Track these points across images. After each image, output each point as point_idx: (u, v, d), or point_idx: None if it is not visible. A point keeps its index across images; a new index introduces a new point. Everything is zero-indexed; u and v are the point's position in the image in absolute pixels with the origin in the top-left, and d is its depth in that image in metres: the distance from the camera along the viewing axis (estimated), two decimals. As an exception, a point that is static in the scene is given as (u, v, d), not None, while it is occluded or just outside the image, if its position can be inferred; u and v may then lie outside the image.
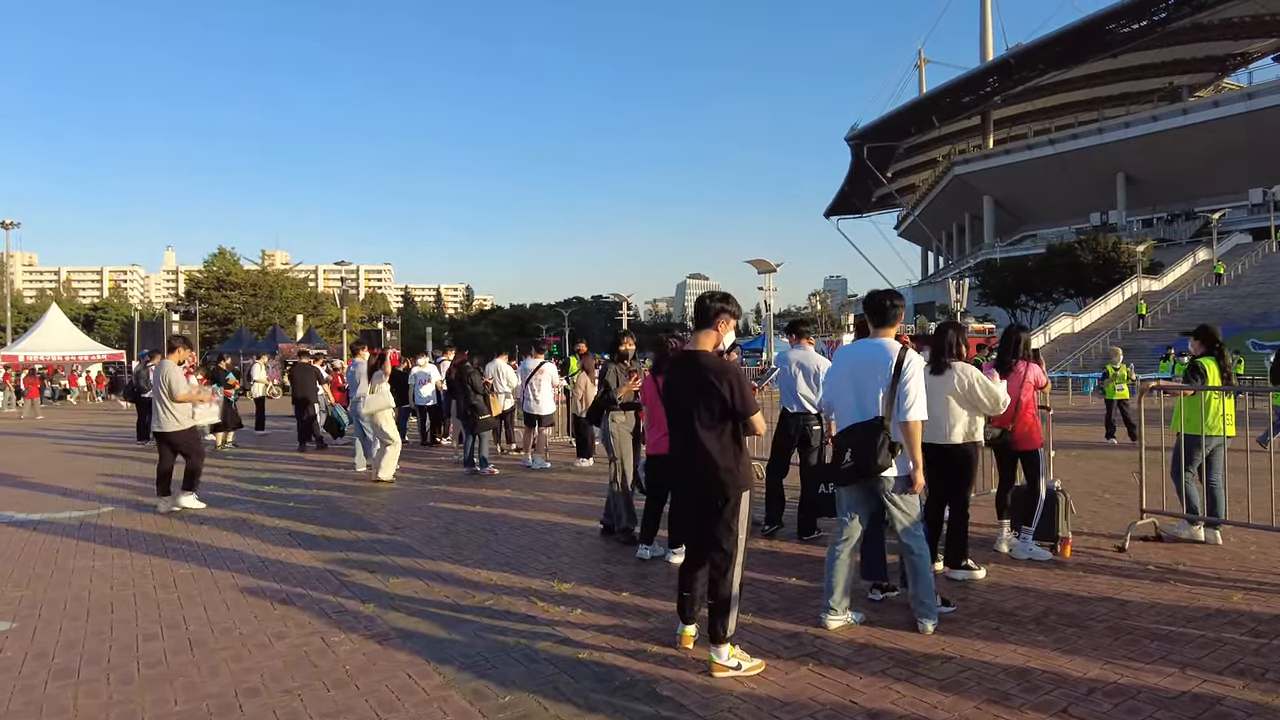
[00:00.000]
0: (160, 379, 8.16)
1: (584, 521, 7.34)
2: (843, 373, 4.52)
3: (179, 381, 8.20)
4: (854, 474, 4.29)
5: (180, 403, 8.24)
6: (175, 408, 8.19)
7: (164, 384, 8.12)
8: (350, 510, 8.06)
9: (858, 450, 4.23)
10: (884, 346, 4.41)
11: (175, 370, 8.25)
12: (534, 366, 11.06)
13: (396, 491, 9.18)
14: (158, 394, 8.18)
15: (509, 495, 8.81)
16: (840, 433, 4.42)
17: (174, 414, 8.19)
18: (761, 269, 37.71)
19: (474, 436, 10.54)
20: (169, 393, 8.11)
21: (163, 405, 8.16)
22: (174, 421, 8.19)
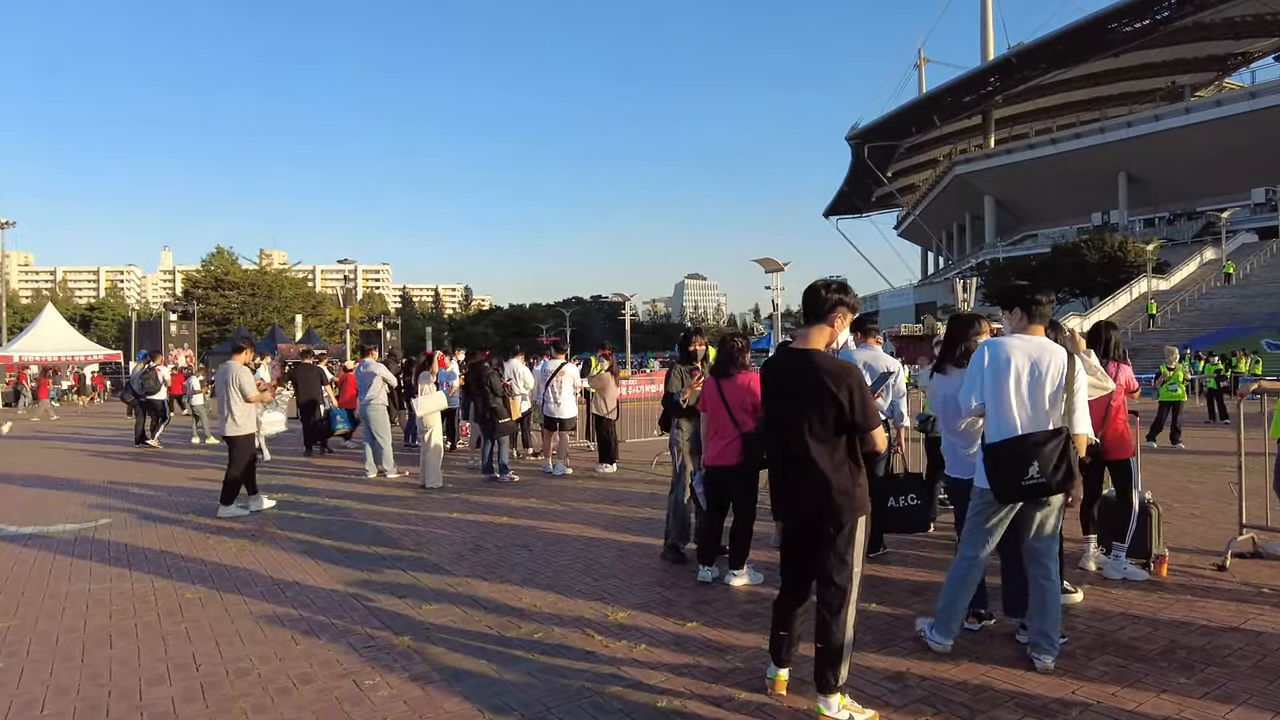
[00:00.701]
0: (229, 380, 7.98)
1: (623, 536, 6.78)
2: (1003, 372, 3.93)
3: (249, 382, 8.06)
4: (1044, 490, 3.78)
5: (250, 403, 8.10)
6: (242, 412, 8.01)
7: (233, 385, 7.95)
8: (367, 522, 7.49)
9: (1044, 463, 3.72)
10: (1056, 347, 3.90)
11: (245, 371, 8.11)
12: (555, 368, 10.48)
13: (414, 501, 8.60)
14: (225, 396, 8.00)
15: (535, 505, 8.23)
16: (1011, 443, 3.84)
17: (239, 417, 8.00)
18: (769, 268, 37.07)
19: (493, 441, 9.97)
20: (240, 394, 7.94)
21: (229, 408, 7.97)
22: (236, 425, 7.99)
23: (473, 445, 11.23)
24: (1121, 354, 5.84)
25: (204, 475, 10.92)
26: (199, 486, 9.91)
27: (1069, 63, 73.41)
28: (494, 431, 9.85)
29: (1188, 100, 72.60)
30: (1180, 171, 68.84)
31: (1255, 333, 35.58)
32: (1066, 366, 3.94)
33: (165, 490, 9.67)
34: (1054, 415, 3.88)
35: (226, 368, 8.19)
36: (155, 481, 10.41)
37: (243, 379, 8.04)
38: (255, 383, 8.38)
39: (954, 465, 4.57)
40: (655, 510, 7.82)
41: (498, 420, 9.80)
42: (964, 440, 4.45)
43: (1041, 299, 4.12)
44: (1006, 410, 3.90)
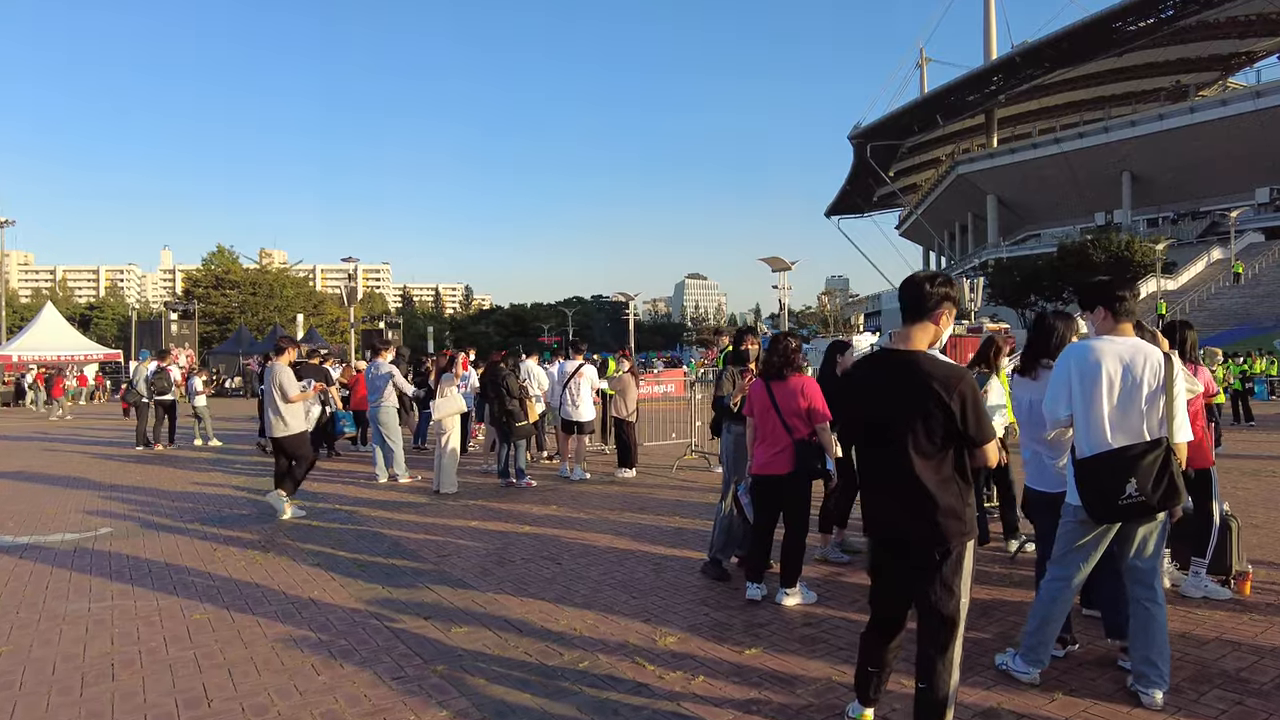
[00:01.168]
0: (271, 381, 7.87)
1: (655, 548, 6.38)
2: (1092, 378, 3.54)
3: (291, 383, 7.93)
4: (1144, 509, 3.43)
5: (293, 403, 7.94)
6: (289, 411, 7.89)
7: (275, 386, 7.82)
8: (383, 531, 7.09)
9: (1144, 479, 3.37)
10: (1150, 348, 3.53)
11: (287, 372, 7.98)
12: (573, 368, 10.07)
13: (430, 507, 8.20)
14: (270, 397, 7.89)
15: (558, 513, 7.83)
16: (1104, 457, 3.46)
17: (286, 418, 7.88)
18: (776, 267, 36.70)
19: (509, 445, 9.58)
20: (282, 395, 7.82)
21: (275, 409, 7.85)
22: (284, 426, 7.87)
23: (487, 449, 10.82)
24: (1197, 355, 5.46)
25: (208, 479, 10.52)
26: (203, 492, 9.51)
27: (1073, 62, 73.17)
28: (511, 435, 9.45)
29: (1192, 99, 72.36)
30: (1184, 171, 68.65)
31: (1267, 332, 35.25)
32: (1164, 368, 3.55)
33: (168, 496, 9.27)
34: (1150, 423, 3.50)
35: (270, 370, 8.10)
36: (158, 486, 10.02)
37: (283, 378, 7.86)
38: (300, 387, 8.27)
39: (1038, 477, 4.18)
40: (685, 519, 7.43)
41: (514, 423, 9.40)
42: (1051, 450, 4.06)
43: (1126, 294, 3.75)
44: (1098, 420, 3.51)
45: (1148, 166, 71.06)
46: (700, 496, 8.65)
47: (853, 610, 4.75)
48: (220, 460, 12.63)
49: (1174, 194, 71.76)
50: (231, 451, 13.97)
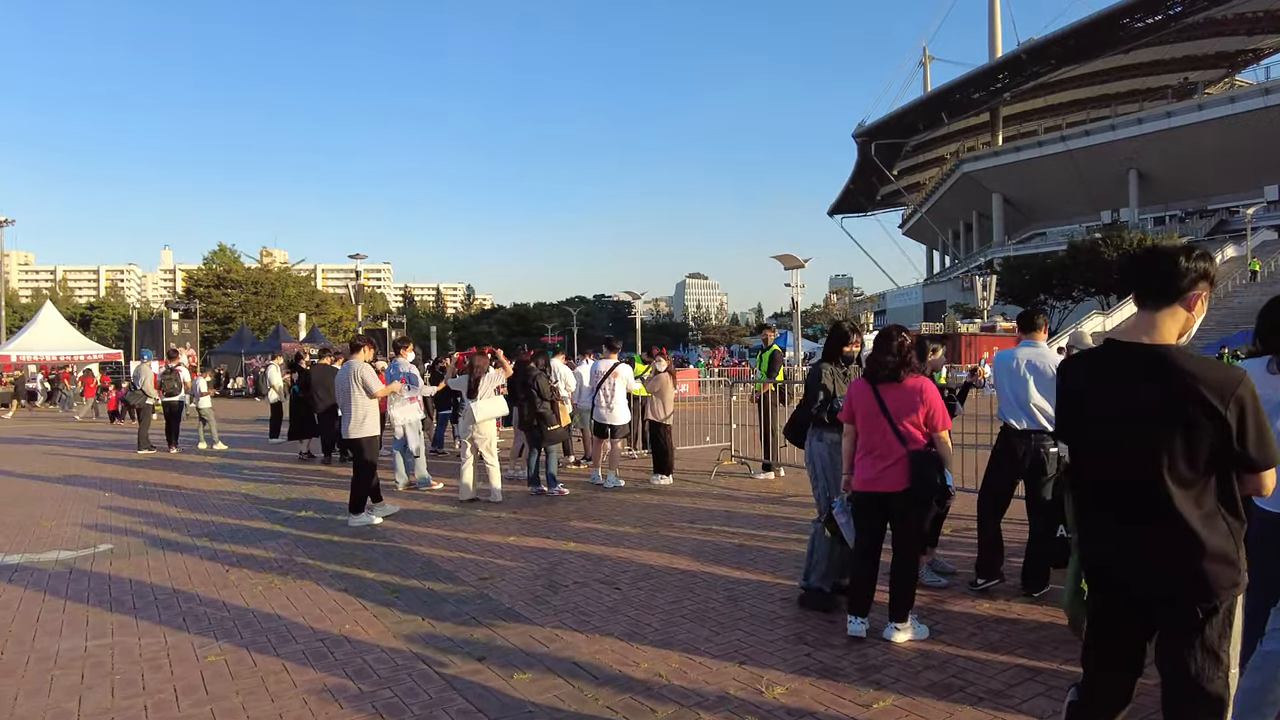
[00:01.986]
0: (352, 378, 7.46)
1: (720, 569, 5.69)
2: None
3: (374, 378, 7.56)
4: None
5: (372, 401, 7.58)
6: (368, 411, 7.49)
7: (357, 383, 7.44)
8: (412, 549, 6.41)
9: None
10: None
11: (368, 368, 7.59)
12: (607, 368, 9.39)
13: (460, 519, 7.52)
14: (349, 396, 7.46)
15: (602, 527, 7.15)
16: None
17: (365, 418, 7.49)
18: (789, 264, 36.10)
19: (540, 451, 8.90)
20: (366, 391, 7.45)
21: (356, 409, 7.46)
22: (362, 426, 7.48)
23: (515, 455, 10.13)
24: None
25: (216, 487, 9.83)
26: (211, 502, 8.82)
27: (1079, 59, 72.79)
28: (542, 440, 8.76)
29: (1200, 96, 71.87)
30: (1191, 169, 68.17)
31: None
32: None
33: (174, 506, 8.58)
34: None
35: (348, 366, 7.61)
36: (162, 495, 9.33)
37: (366, 375, 7.46)
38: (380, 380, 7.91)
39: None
40: (743, 534, 6.75)
41: (546, 427, 8.72)
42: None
43: None
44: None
45: (1155, 164, 70.58)
46: (750, 507, 7.97)
47: (975, 647, 4.07)
48: (227, 465, 11.94)
49: (1181, 192, 71.33)
50: (238, 456, 13.29)
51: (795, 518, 7.38)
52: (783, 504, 8.16)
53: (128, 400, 14.28)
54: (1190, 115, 67.20)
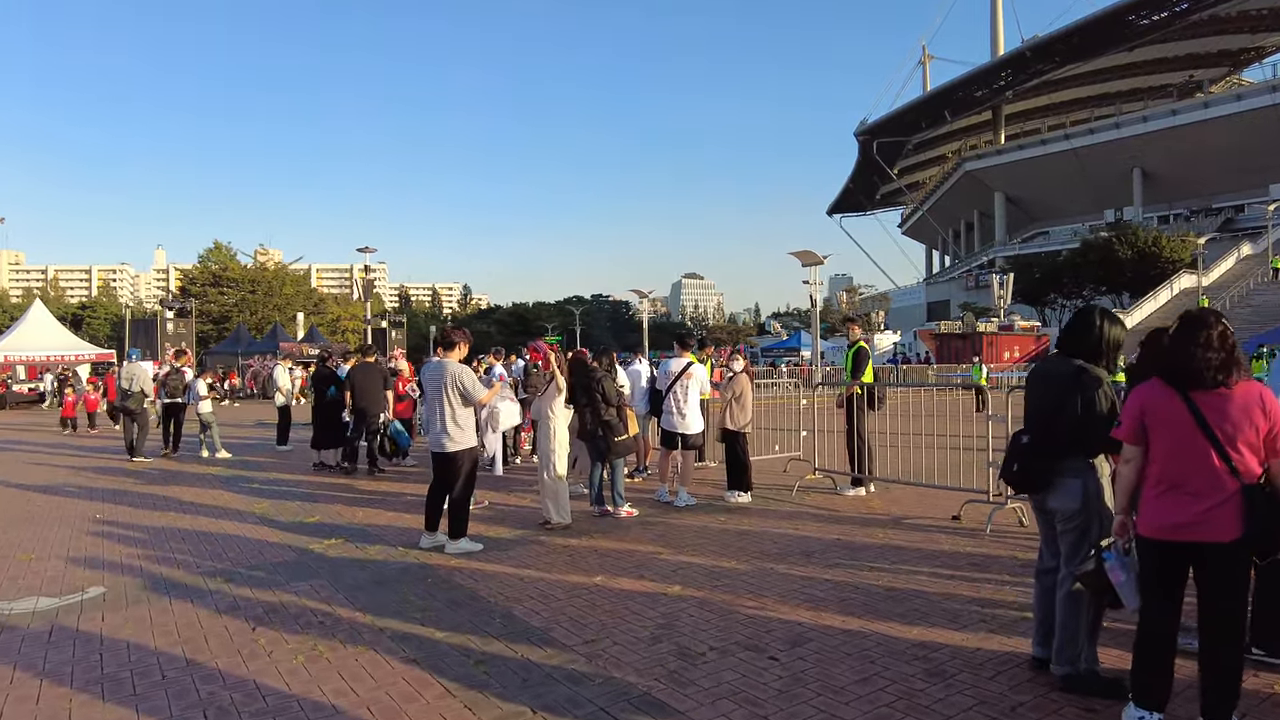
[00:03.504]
0: (448, 382, 6.31)
1: (884, 626, 4.46)
2: None
3: (475, 382, 6.45)
4: None
5: (481, 404, 6.65)
6: (467, 420, 6.39)
7: (452, 387, 6.30)
8: (482, 591, 5.16)
9: None
10: None
11: (467, 370, 6.50)
12: (678, 368, 8.14)
13: (524, 550, 6.25)
14: (442, 401, 6.32)
15: (700, 562, 5.90)
16: None
17: (464, 426, 6.38)
18: (807, 261, 35.00)
19: (604, 465, 7.66)
20: (464, 397, 6.34)
21: (450, 417, 6.30)
22: (457, 438, 6.34)
23: (576, 469, 8.84)
24: None
25: (224, 506, 8.53)
26: (220, 525, 7.52)
27: (1083, 57, 72.46)
28: (609, 452, 7.51)
29: (1206, 94, 71.40)
30: (1197, 167, 67.84)
31: (1319, 330, 33.59)
32: None
33: (177, 533, 7.27)
34: None
35: (441, 367, 6.42)
36: (163, 516, 8.03)
37: (465, 379, 6.36)
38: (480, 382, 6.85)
39: None
40: (884, 573, 5.51)
41: (614, 437, 7.47)
42: None
43: None
44: None
45: (1159, 162, 70.19)
46: (866, 534, 6.75)
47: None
48: (234, 478, 10.64)
49: (1185, 190, 71.04)
50: (244, 465, 11.99)
51: (930, 547, 6.17)
52: (902, 528, 6.94)
53: (123, 404, 12.95)
54: (1196, 113, 66.84)
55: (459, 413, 6.33)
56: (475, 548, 6.29)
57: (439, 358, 8.36)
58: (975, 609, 4.74)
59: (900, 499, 8.33)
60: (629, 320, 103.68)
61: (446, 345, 6.55)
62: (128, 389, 12.89)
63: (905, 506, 7.94)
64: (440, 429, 6.32)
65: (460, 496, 6.34)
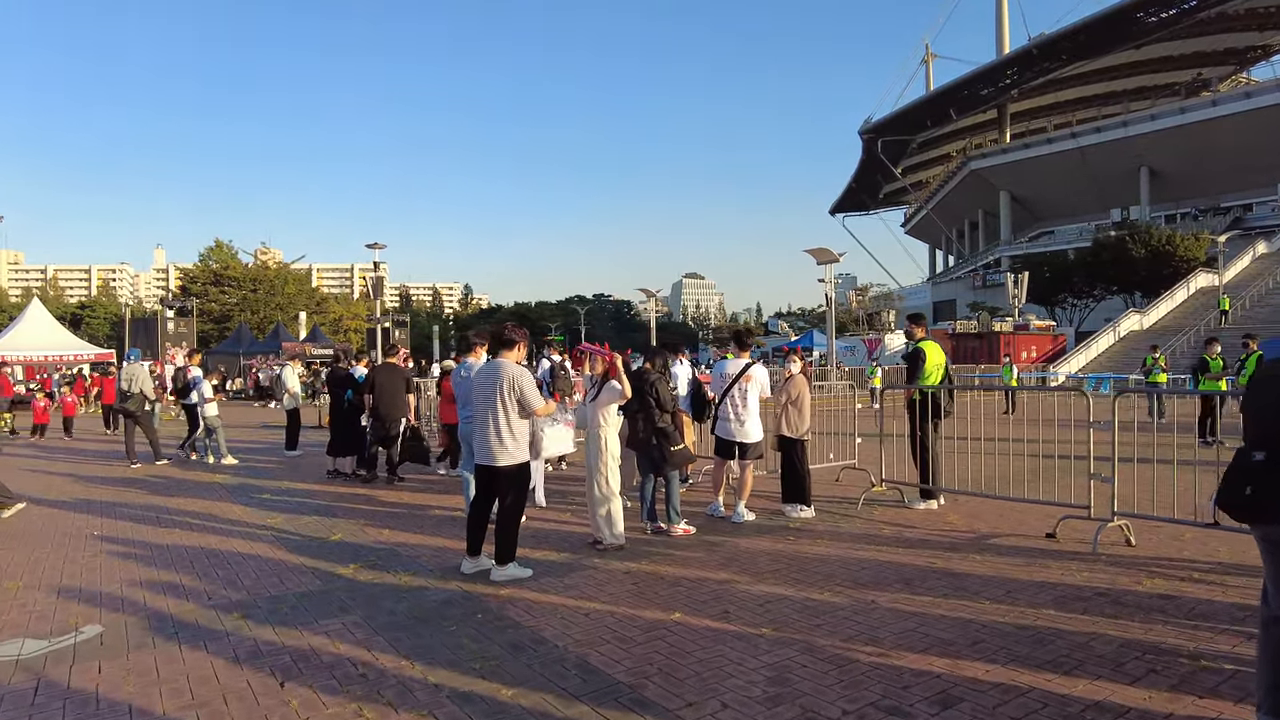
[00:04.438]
0: (503, 385, 5.49)
1: (1041, 680, 3.72)
2: None
3: (535, 391, 5.60)
4: None
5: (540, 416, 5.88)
6: (522, 431, 5.60)
7: (509, 394, 5.49)
8: (540, 629, 4.41)
9: None
10: None
11: (527, 375, 5.64)
12: (735, 370, 7.37)
13: (587, 579, 5.48)
14: (495, 407, 5.52)
15: (785, 593, 5.14)
16: None
17: (517, 438, 5.56)
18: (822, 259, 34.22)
19: (657, 478, 6.91)
20: (521, 405, 5.52)
21: (503, 426, 5.51)
22: (512, 449, 5.53)
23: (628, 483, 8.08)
24: None
25: (234, 519, 7.78)
26: (231, 545, 6.75)
27: (1091, 54, 71.98)
28: (665, 463, 6.76)
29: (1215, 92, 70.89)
30: (1205, 165, 67.34)
31: (1344, 330, 32.90)
32: None
33: (185, 555, 6.51)
34: None
35: (496, 369, 5.58)
36: (167, 535, 7.26)
37: (526, 385, 5.54)
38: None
39: None
40: (1011, 610, 4.75)
41: (669, 447, 6.72)
42: None
43: None
44: None
45: (1167, 161, 69.66)
46: (960, 557, 6.00)
47: None
48: (243, 488, 9.88)
49: (1193, 189, 70.54)
50: (252, 472, 11.23)
51: (1040, 574, 5.42)
52: (997, 550, 6.18)
53: (122, 406, 12.24)
54: (1205, 111, 66.30)
55: (514, 421, 5.56)
56: (524, 574, 5.55)
57: (476, 358, 7.65)
58: (1135, 656, 3.99)
59: (978, 513, 7.59)
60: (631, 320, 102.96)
61: (504, 344, 5.74)
62: (127, 390, 12.15)
63: (988, 522, 7.20)
64: (490, 439, 5.54)
65: (510, 516, 5.57)
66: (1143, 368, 19.04)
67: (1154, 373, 17.52)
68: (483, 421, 5.60)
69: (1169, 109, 69.49)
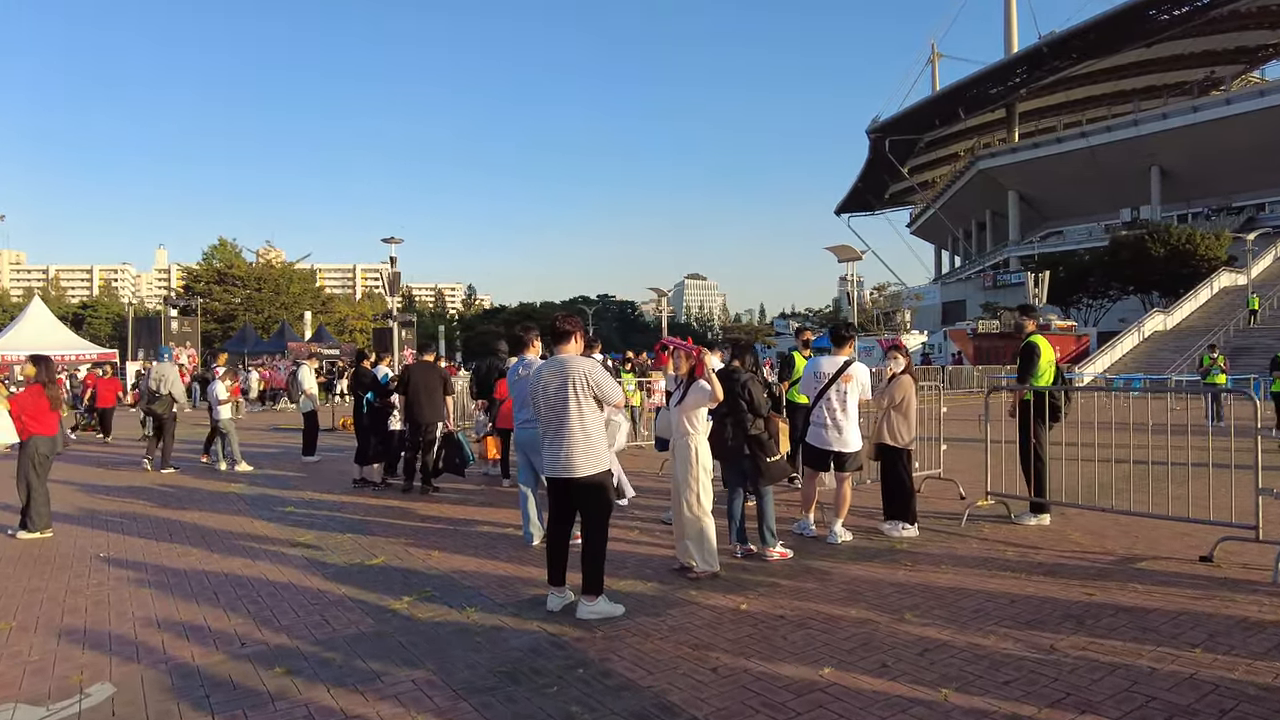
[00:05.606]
0: (575, 381, 4.70)
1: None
2: None
3: (611, 381, 4.81)
4: None
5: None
6: (600, 434, 4.79)
7: (585, 388, 4.69)
8: (666, 694, 3.50)
9: None
10: None
11: (596, 363, 4.89)
12: (834, 369, 6.46)
13: (688, 617, 4.59)
14: (568, 409, 4.68)
15: (942, 636, 4.24)
16: None
17: (597, 443, 4.74)
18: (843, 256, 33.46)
19: (748, 493, 6.02)
20: (598, 400, 4.75)
21: (580, 430, 4.67)
22: (595, 459, 4.70)
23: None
24: None
25: (258, 536, 6.85)
26: (260, 575, 5.80)
27: (1101, 53, 71.45)
28: (762, 476, 5.86)
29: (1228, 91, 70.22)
30: (1217, 164, 66.68)
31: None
32: None
33: (205, 584, 5.60)
34: None
35: (561, 366, 4.73)
36: (184, 559, 6.35)
37: (598, 377, 4.73)
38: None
39: None
40: (1225, 660, 3.85)
41: (766, 457, 5.82)
42: None
43: None
44: None
45: (1178, 160, 68.99)
46: (1119, 588, 5.10)
47: None
48: (263, 499, 8.98)
49: (1205, 189, 69.90)
50: (269, 480, 10.33)
51: (1231, 610, 4.53)
52: (1153, 578, 5.27)
53: (149, 407, 11.47)
54: (1218, 110, 65.69)
55: (590, 423, 4.69)
56: (617, 610, 4.66)
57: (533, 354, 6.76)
58: None
59: (1098, 530, 6.70)
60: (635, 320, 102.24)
61: (560, 336, 4.88)
62: (155, 390, 11.36)
63: (1117, 542, 6.31)
64: (565, 447, 4.67)
65: (598, 536, 4.68)
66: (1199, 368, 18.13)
67: (1213, 373, 16.61)
68: (555, 427, 4.71)
69: (1181, 107, 68.81)
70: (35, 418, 7.17)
